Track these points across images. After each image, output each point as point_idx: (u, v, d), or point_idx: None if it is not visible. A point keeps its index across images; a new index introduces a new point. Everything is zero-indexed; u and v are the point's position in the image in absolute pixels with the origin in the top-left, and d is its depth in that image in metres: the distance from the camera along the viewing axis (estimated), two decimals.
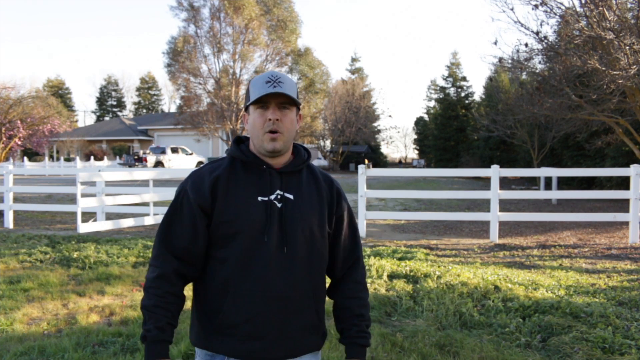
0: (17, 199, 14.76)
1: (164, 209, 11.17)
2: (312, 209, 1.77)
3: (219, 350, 1.71)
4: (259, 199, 1.71)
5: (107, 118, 70.81)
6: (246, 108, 1.80)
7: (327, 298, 1.89)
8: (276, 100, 1.72)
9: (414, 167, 54.07)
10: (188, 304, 2.06)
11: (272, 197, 1.73)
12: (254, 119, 1.75)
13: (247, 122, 1.80)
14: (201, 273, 1.76)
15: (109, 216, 11.88)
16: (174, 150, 34.14)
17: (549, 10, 12.53)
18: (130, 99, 78.91)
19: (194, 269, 1.74)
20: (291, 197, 1.75)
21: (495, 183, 9.35)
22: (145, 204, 11.47)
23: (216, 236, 1.71)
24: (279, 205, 1.73)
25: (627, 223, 9.87)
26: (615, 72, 10.83)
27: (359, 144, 47.33)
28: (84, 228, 9.20)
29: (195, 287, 1.80)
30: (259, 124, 1.73)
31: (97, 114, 75.85)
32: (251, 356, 1.69)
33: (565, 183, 22.52)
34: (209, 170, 1.76)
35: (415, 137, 65.01)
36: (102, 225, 9.69)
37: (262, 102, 1.72)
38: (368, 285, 4.14)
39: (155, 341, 1.64)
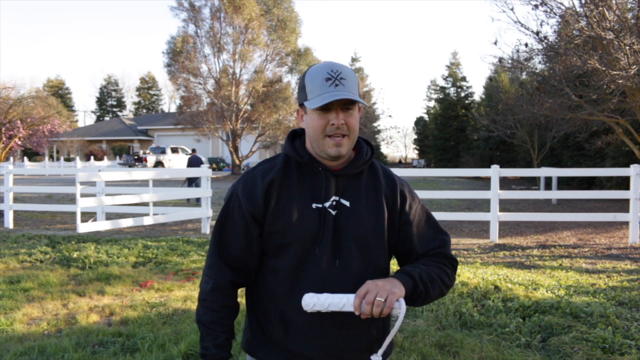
0: (17, 199, 14.77)
1: (164, 209, 11.19)
2: (369, 217, 1.59)
3: None
4: (313, 206, 1.55)
5: (107, 118, 70.78)
6: (301, 104, 1.59)
7: None
8: (339, 101, 1.51)
9: (414, 167, 54.06)
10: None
11: (327, 204, 1.55)
12: (313, 120, 1.54)
13: (303, 119, 1.60)
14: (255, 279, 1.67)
15: (109, 216, 11.88)
16: (174, 150, 34.21)
17: (549, 10, 12.55)
18: (130, 99, 78.97)
19: (248, 278, 1.63)
20: (347, 203, 1.58)
21: (495, 183, 9.35)
22: (145, 204, 11.47)
23: (268, 245, 1.58)
24: (333, 213, 1.55)
25: (627, 223, 9.87)
26: (615, 72, 10.83)
27: None
28: (83, 228, 9.20)
29: (249, 292, 1.68)
30: (319, 127, 1.53)
31: (97, 114, 75.84)
32: None
33: (565, 183, 22.51)
34: (262, 173, 1.59)
35: (415, 137, 64.96)
36: (101, 225, 9.68)
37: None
38: None
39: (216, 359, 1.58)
